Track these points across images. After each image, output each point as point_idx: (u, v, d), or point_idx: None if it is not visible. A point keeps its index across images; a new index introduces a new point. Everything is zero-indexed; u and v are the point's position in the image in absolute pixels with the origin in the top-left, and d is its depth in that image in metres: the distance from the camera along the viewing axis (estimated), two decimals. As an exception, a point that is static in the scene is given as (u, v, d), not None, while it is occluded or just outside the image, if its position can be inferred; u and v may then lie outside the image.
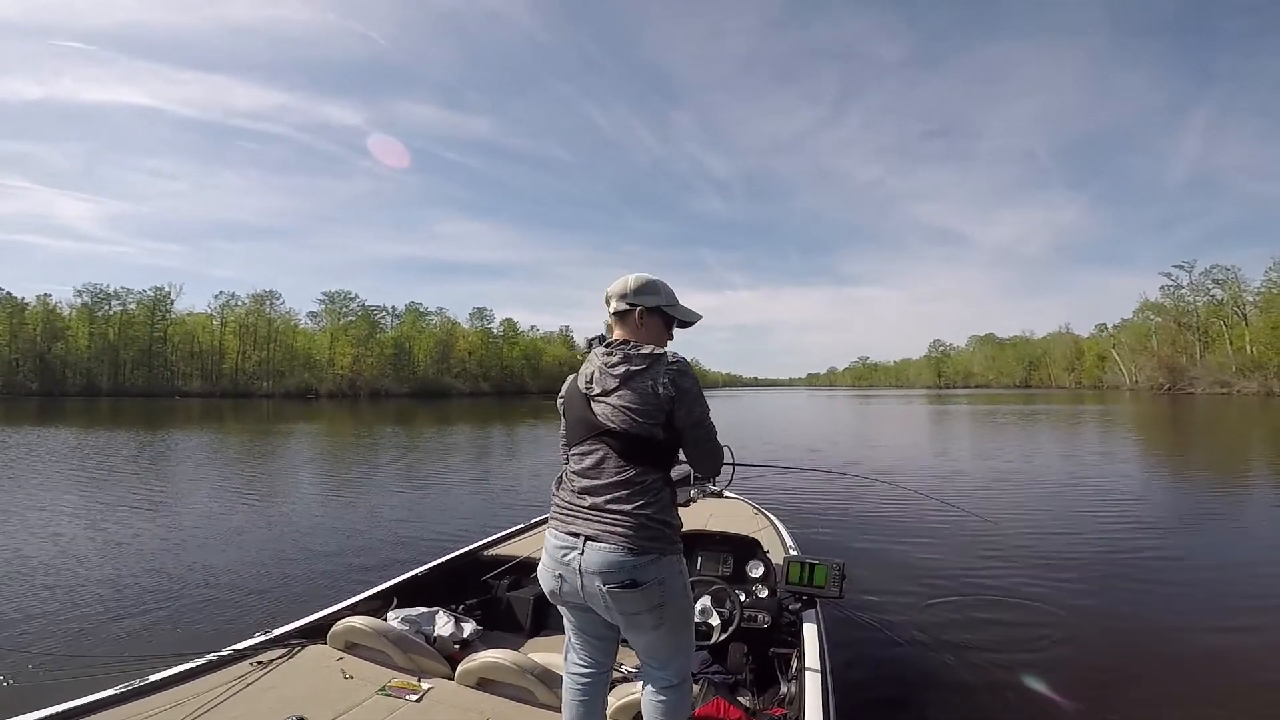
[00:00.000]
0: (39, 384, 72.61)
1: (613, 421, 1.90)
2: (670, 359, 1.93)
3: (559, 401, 2.12)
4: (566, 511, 1.94)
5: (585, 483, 1.92)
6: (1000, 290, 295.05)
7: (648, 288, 2.06)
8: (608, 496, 1.87)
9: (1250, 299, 73.32)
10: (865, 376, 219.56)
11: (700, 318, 2.18)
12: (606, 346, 2.01)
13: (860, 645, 4.19)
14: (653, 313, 2.06)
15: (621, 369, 1.92)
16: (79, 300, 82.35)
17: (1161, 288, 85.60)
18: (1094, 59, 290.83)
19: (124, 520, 8.33)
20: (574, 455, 1.99)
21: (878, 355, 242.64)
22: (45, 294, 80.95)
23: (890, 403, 54.18)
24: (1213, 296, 79.01)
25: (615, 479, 1.88)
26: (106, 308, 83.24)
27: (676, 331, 2.17)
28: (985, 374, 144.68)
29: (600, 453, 1.91)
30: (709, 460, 2.06)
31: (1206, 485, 11.02)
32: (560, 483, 2.03)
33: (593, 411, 1.95)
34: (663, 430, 1.91)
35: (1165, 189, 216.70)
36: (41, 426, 24.66)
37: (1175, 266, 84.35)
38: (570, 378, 2.09)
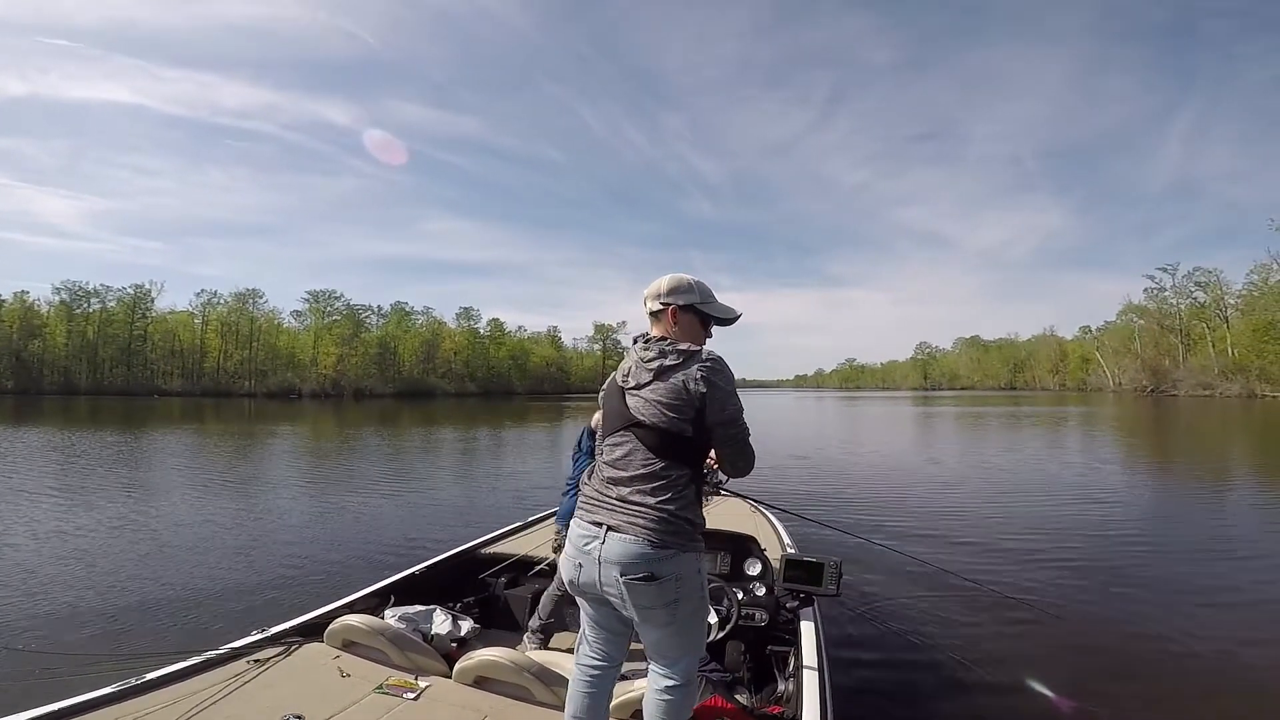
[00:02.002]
0: (15, 382, 71.25)
1: (643, 414, 1.92)
2: (705, 356, 1.93)
3: (600, 395, 2.16)
4: (593, 501, 1.96)
5: (614, 473, 1.94)
6: (986, 293, 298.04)
7: (680, 286, 2.06)
8: (633, 488, 1.88)
9: (1232, 301, 74.43)
10: (852, 378, 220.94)
11: (739, 315, 2.17)
12: (645, 342, 2.03)
13: (857, 643, 4.17)
14: (686, 310, 2.06)
15: (656, 363, 1.94)
16: (57, 297, 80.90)
17: (1145, 290, 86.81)
18: (1079, 65, 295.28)
19: (116, 520, 8.28)
20: (607, 446, 2.02)
21: (864, 357, 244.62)
22: (22, 291, 79.49)
23: (878, 405, 54.52)
24: (1195, 299, 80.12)
25: (642, 471, 1.89)
26: (85, 305, 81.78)
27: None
28: (971, 376, 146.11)
29: (629, 444, 1.93)
30: (739, 460, 2.04)
31: (1198, 487, 11.09)
32: (593, 473, 2.05)
33: (626, 404, 1.97)
34: (692, 427, 1.91)
35: (1148, 193, 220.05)
36: (20, 426, 24.21)
37: (1158, 269, 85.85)
38: (613, 373, 2.12)
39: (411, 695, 2.37)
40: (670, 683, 1.93)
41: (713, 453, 2.06)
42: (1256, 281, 69.16)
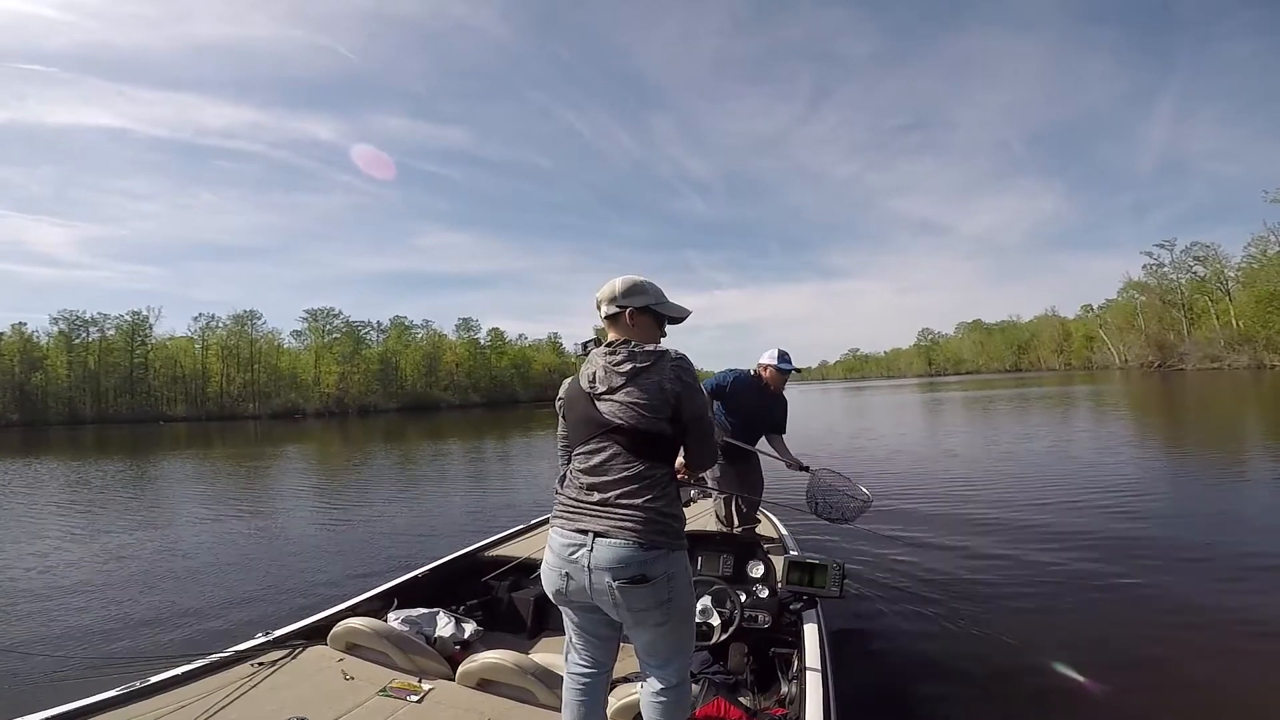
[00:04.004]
0: (20, 415, 71.44)
1: (620, 418, 1.92)
2: (673, 356, 1.97)
3: (558, 403, 2.14)
4: (573, 509, 1.93)
5: (593, 479, 1.93)
6: (984, 277, 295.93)
7: (634, 288, 2.08)
8: (618, 492, 1.88)
9: (1232, 274, 74.22)
10: (857, 368, 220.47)
11: (689, 313, 2.21)
12: (608, 346, 2.04)
13: (861, 645, 4.12)
14: (642, 312, 2.08)
15: (627, 366, 1.95)
16: (55, 328, 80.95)
17: (1144, 266, 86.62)
18: (1056, 49, 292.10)
19: (125, 531, 8.50)
20: (579, 454, 2.00)
21: (867, 347, 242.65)
22: (20, 322, 79.59)
23: (884, 394, 54.27)
24: (1195, 273, 79.85)
25: (624, 474, 1.89)
26: (84, 334, 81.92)
27: (670, 329, 2.21)
28: (975, 360, 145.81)
29: (609, 450, 1.92)
30: (707, 454, 2.12)
31: (1225, 464, 10.68)
32: (564, 481, 2.03)
33: (598, 410, 1.96)
34: (669, 425, 1.94)
35: (1137, 174, 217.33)
36: (29, 457, 24.26)
37: (1156, 245, 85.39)
38: (568, 380, 2.12)
39: (415, 698, 2.37)
40: (665, 685, 1.93)
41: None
42: (1255, 254, 69.08)
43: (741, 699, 2.59)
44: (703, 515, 5.05)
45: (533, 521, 5.00)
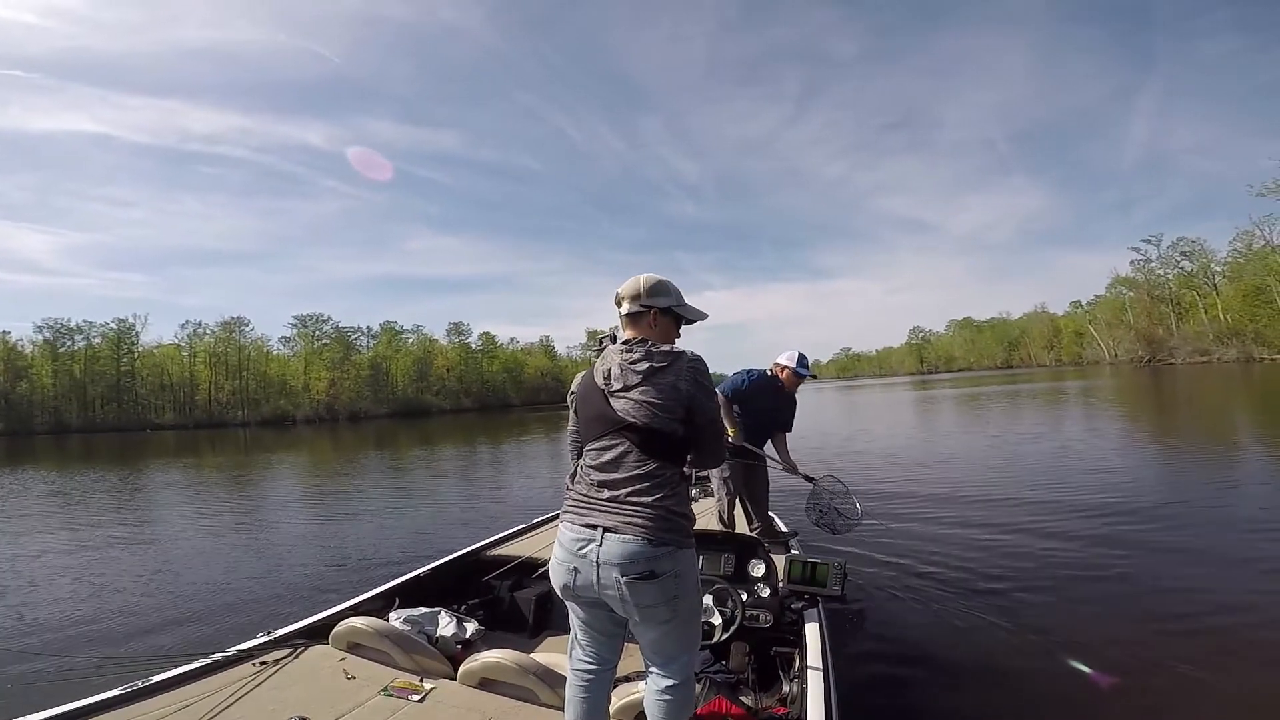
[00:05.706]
0: (5, 424, 70.42)
1: (634, 416, 1.92)
2: (690, 357, 1.98)
3: (570, 397, 2.15)
4: (583, 504, 1.93)
5: (604, 476, 1.93)
6: (973, 275, 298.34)
7: (659, 289, 2.09)
8: (629, 489, 1.88)
9: (1218, 269, 75.11)
10: (849, 368, 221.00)
11: (706, 316, 2.23)
12: (626, 344, 2.04)
13: (862, 644, 4.10)
14: (665, 313, 2.10)
15: (644, 366, 1.95)
16: (39, 336, 79.83)
17: (1132, 262, 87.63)
18: (1039, 47, 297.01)
19: (123, 536, 8.53)
20: (591, 450, 2.00)
21: (859, 345, 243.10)
22: (4, 331, 78.50)
23: (877, 393, 54.35)
24: (1182, 268, 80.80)
25: (636, 472, 1.90)
26: (70, 342, 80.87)
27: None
28: (966, 357, 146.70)
29: (621, 447, 1.93)
30: (715, 456, 2.12)
31: (1225, 457, 10.64)
32: (575, 477, 2.03)
33: (611, 407, 1.97)
34: (682, 425, 1.95)
35: (1120, 171, 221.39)
36: (17, 466, 23.95)
37: (1143, 241, 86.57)
38: (581, 374, 2.14)
39: (416, 697, 2.36)
40: (670, 682, 1.91)
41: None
42: (1240, 248, 70.01)
43: (743, 698, 2.59)
44: (705, 514, 5.04)
45: (534, 521, 5.00)
